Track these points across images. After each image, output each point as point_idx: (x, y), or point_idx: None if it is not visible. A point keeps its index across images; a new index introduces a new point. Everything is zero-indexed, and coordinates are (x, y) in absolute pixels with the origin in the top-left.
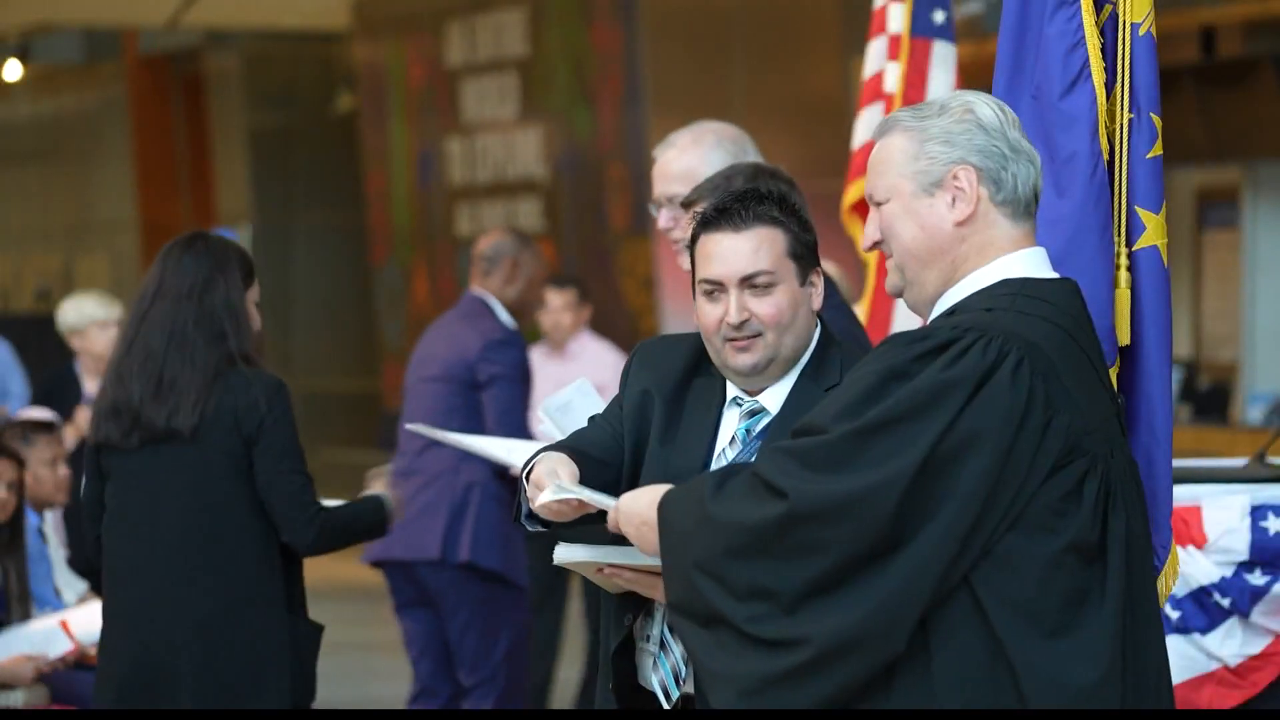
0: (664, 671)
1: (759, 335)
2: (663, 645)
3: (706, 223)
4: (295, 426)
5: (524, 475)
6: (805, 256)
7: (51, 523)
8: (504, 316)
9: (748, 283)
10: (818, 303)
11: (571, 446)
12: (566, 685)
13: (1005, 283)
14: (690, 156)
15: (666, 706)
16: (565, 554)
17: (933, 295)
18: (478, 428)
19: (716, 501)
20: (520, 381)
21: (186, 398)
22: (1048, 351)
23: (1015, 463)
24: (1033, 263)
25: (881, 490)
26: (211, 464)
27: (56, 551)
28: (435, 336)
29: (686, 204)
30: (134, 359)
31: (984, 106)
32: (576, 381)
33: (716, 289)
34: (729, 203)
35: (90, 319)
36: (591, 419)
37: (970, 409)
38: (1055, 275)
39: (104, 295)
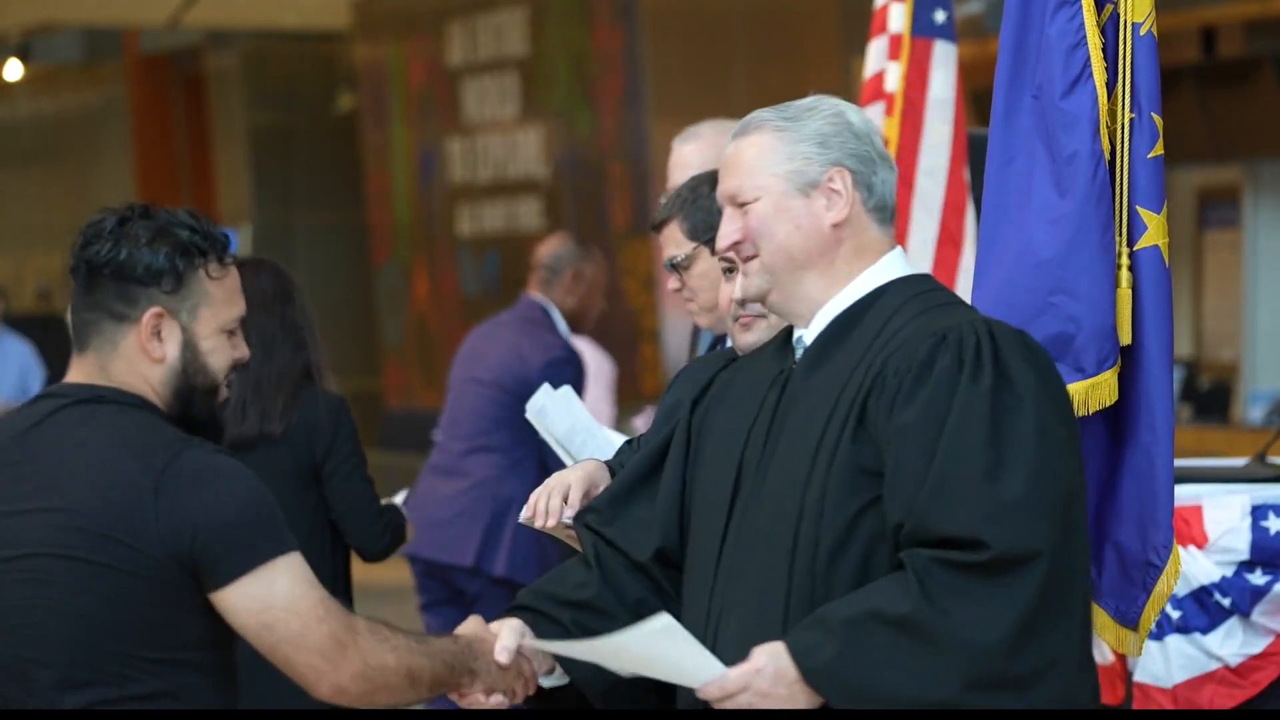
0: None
1: (759, 315)
2: None
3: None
4: (357, 439)
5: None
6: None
7: None
8: (562, 326)
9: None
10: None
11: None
12: None
13: (911, 280)
14: (714, 151)
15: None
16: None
17: (808, 297)
18: (524, 443)
19: (951, 618)
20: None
21: (276, 402)
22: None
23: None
24: (904, 262)
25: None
26: (288, 471)
27: None
28: (489, 338)
29: (658, 225)
30: None
31: (853, 112)
32: (544, 388)
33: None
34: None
35: None
36: (628, 443)
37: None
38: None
39: None
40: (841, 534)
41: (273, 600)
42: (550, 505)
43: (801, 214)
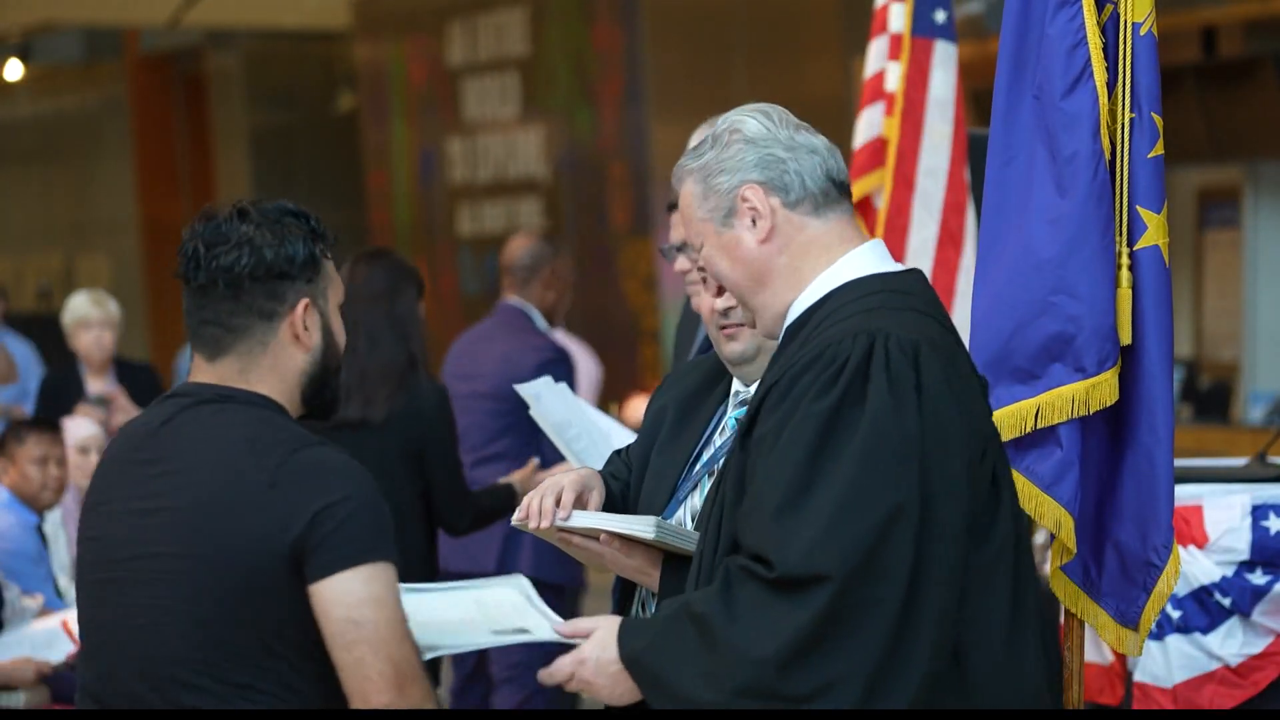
0: None
1: (742, 323)
2: None
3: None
4: (455, 426)
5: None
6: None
7: (57, 522)
8: (542, 325)
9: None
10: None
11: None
12: None
13: (863, 281)
14: None
15: None
16: (576, 520)
17: (780, 309)
18: (531, 444)
19: (736, 630)
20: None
21: (380, 391)
22: (939, 342)
23: (970, 460)
24: (878, 256)
25: (900, 520)
26: (390, 454)
27: (61, 551)
28: (476, 350)
29: (673, 205)
30: None
31: (750, 120)
32: (543, 377)
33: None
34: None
35: (76, 319)
36: (615, 453)
37: (926, 416)
38: (901, 267)
39: (98, 294)
40: (730, 540)
41: (367, 599)
42: (543, 506)
43: (732, 245)
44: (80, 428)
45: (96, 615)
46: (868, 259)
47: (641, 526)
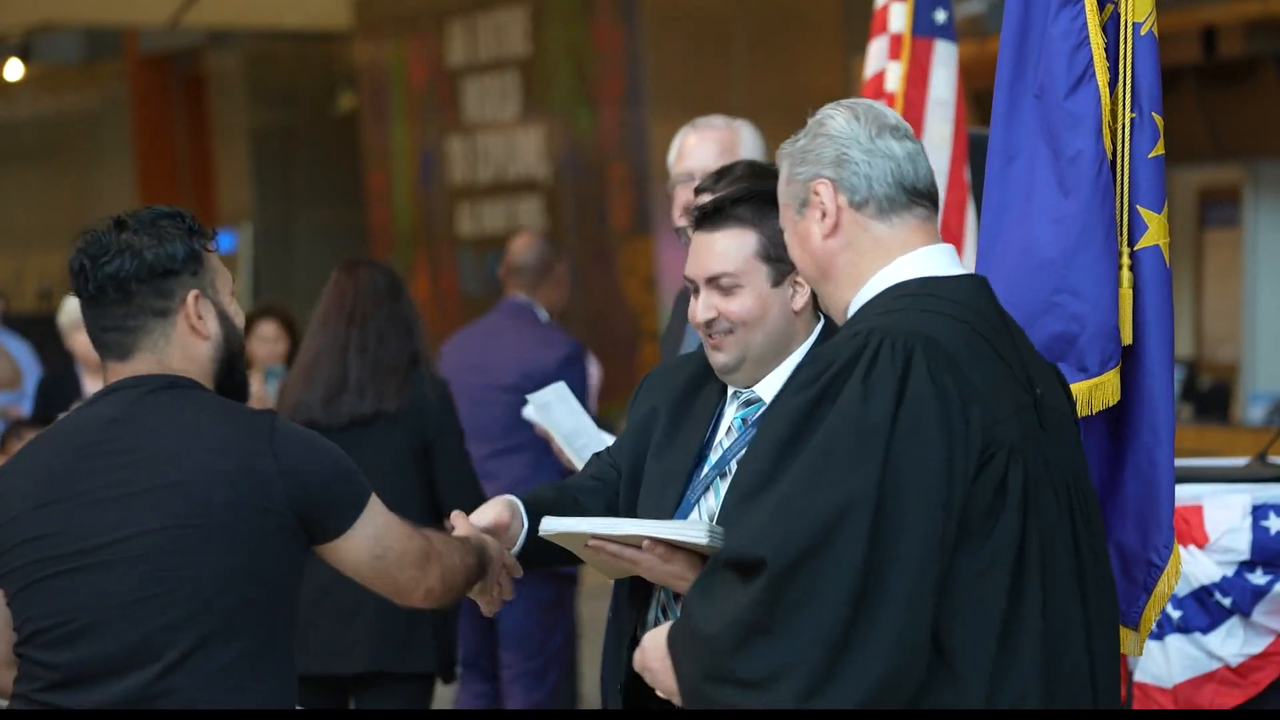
0: None
1: (730, 332)
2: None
3: (695, 221)
4: (458, 418)
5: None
6: (780, 258)
7: None
8: (545, 321)
9: (714, 283)
10: (799, 304)
11: (549, 493)
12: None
13: (904, 284)
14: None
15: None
16: (552, 525)
17: (842, 304)
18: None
19: (702, 611)
20: (587, 395)
21: (390, 384)
22: (946, 345)
23: (955, 456)
24: (935, 260)
25: (852, 510)
26: (402, 446)
27: None
28: (486, 344)
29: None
30: (351, 350)
31: (838, 115)
32: (554, 385)
33: (693, 286)
34: (711, 203)
35: (72, 321)
36: (595, 455)
37: (904, 410)
38: (960, 272)
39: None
40: None
41: (378, 533)
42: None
43: (803, 234)
44: None
45: (66, 605)
46: (922, 263)
47: (694, 532)
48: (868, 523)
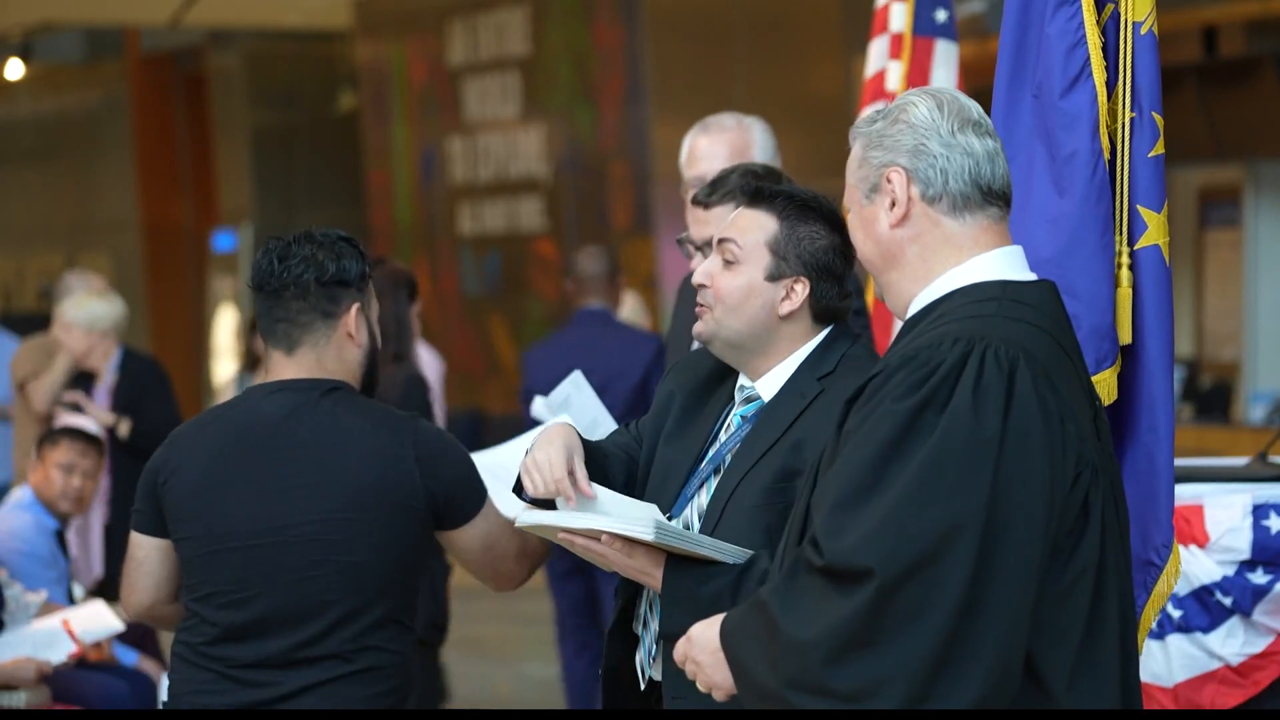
0: (643, 651)
1: (709, 306)
2: (645, 624)
3: (747, 197)
4: (431, 410)
5: (526, 452)
6: (787, 259)
7: (70, 532)
8: (622, 322)
9: (723, 246)
10: (785, 309)
11: (590, 443)
12: None
13: (984, 286)
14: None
15: (642, 687)
16: (528, 519)
17: (906, 297)
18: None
19: (790, 616)
20: None
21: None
22: (1040, 357)
23: (1056, 474)
24: (1009, 263)
25: (963, 527)
26: None
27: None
28: (583, 359)
29: (715, 183)
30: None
31: (921, 104)
32: (572, 375)
33: (705, 250)
34: (763, 188)
35: (65, 320)
36: (623, 426)
37: (1010, 423)
38: (1033, 277)
39: (85, 297)
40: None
41: (491, 527)
42: (557, 483)
43: (870, 220)
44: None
45: (242, 575)
46: (997, 264)
47: (641, 529)
48: (976, 541)
